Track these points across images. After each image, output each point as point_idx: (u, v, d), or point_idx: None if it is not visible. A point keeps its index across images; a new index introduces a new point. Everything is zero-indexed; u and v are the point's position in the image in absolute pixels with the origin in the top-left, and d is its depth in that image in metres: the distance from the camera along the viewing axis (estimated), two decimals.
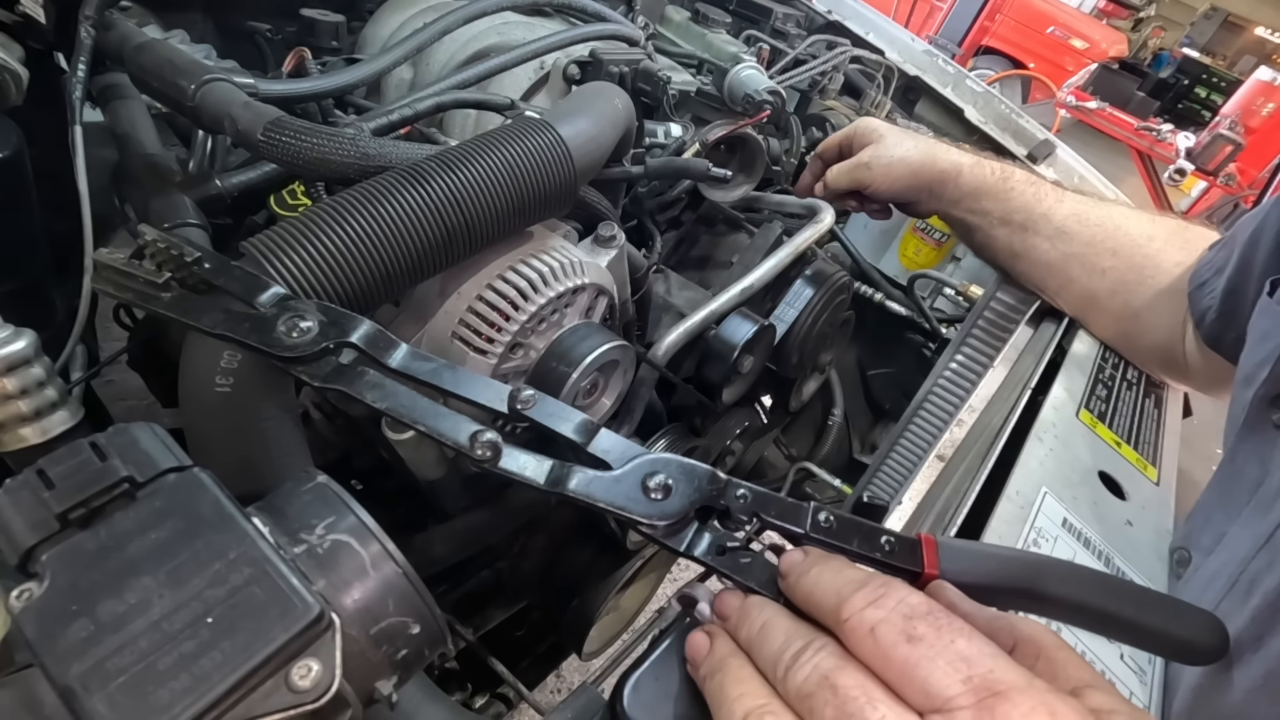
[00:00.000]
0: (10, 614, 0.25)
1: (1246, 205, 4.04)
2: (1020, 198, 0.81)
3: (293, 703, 0.25)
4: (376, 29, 0.83)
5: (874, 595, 0.29)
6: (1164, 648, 0.35)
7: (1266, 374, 0.54)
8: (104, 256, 0.38)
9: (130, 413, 0.63)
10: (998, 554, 0.35)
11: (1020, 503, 0.56)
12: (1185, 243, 0.77)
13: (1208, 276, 0.70)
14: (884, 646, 0.27)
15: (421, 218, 0.46)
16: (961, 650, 0.26)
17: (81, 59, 0.52)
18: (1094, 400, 0.74)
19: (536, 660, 0.98)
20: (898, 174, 0.82)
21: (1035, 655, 0.29)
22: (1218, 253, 0.70)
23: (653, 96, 0.78)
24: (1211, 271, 0.70)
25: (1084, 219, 0.79)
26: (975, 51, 6.91)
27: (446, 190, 0.47)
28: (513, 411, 0.37)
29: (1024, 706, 0.24)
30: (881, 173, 0.82)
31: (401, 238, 0.45)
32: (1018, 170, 0.84)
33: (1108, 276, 0.78)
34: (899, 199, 0.86)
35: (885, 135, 0.85)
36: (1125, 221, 0.79)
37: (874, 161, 0.83)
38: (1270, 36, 11.48)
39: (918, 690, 0.26)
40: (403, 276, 0.46)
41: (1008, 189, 0.82)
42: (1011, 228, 0.82)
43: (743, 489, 0.36)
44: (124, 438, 0.30)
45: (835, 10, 1.33)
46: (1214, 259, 0.70)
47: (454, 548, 0.63)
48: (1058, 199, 0.81)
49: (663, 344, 0.70)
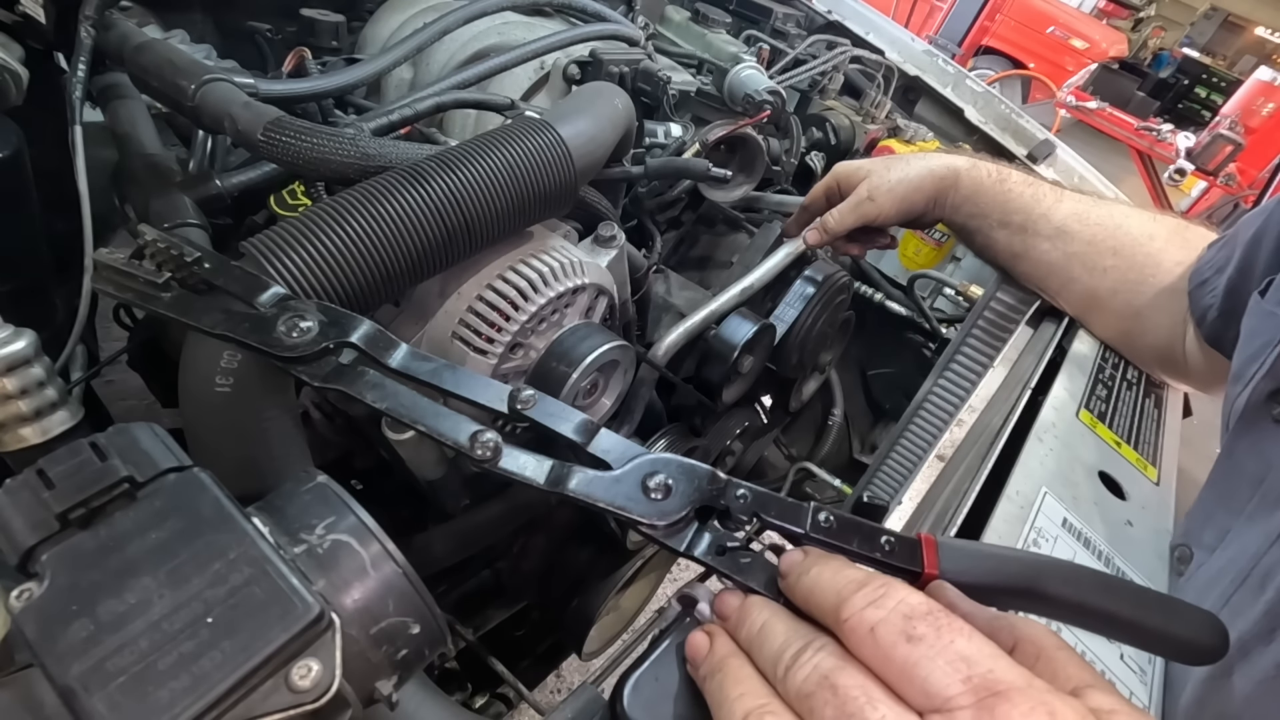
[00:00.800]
0: (10, 614, 0.25)
1: (1246, 205, 4.04)
2: (1019, 198, 0.81)
3: (293, 703, 0.25)
4: (376, 29, 0.83)
5: (874, 595, 0.29)
6: (1164, 648, 0.35)
7: (1259, 370, 0.54)
8: (104, 256, 0.38)
9: (130, 413, 0.63)
10: (998, 554, 0.35)
11: (1020, 503, 0.56)
12: (1185, 242, 0.76)
13: (1209, 275, 0.70)
14: (884, 646, 0.27)
15: (421, 218, 0.46)
16: (961, 650, 0.26)
17: (81, 59, 0.52)
18: (1094, 400, 0.74)
19: (536, 660, 0.98)
20: (902, 194, 0.82)
21: (1035, 655, 0.29)
22: (1218, 251, 0.70)
23: (653, 96, 0.78)
24: (1212, 270, 0.70)
25: (1084, 218, 0.79)
26: (975, 51, 6.91)
27: (446, 190, 0.47)
28: (513, 411, 0.37)
29: (1024, 706, 0.24)
30: (886, 200, 0.81)
31: (401, 238, 0.45)
32: (1015, 171, 0.84)
33: (1109, 276, 0.78)
34: (907, 218, 0.85)
35: (873, 168, 0.84)
36: (1126, 220, 0.79)
37: (875, 192, 0.82)
38: (1270, 36, 11.49)
39: (917, 690, 0.26)
40: (403, 276, 0.46)
41: (1005, 190, 0.82)
42: (1011, 229, 0.82)
43: (743, 489, 0.36)
44: (124, 438, 0.30)
45: (835, 10, 1.33)
46: (1215, 258, 0.70)
47: (454, 548, 0.63)
48: (1057, 199, 0.81)
49: (663, 344, 0.70)
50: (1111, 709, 0.27)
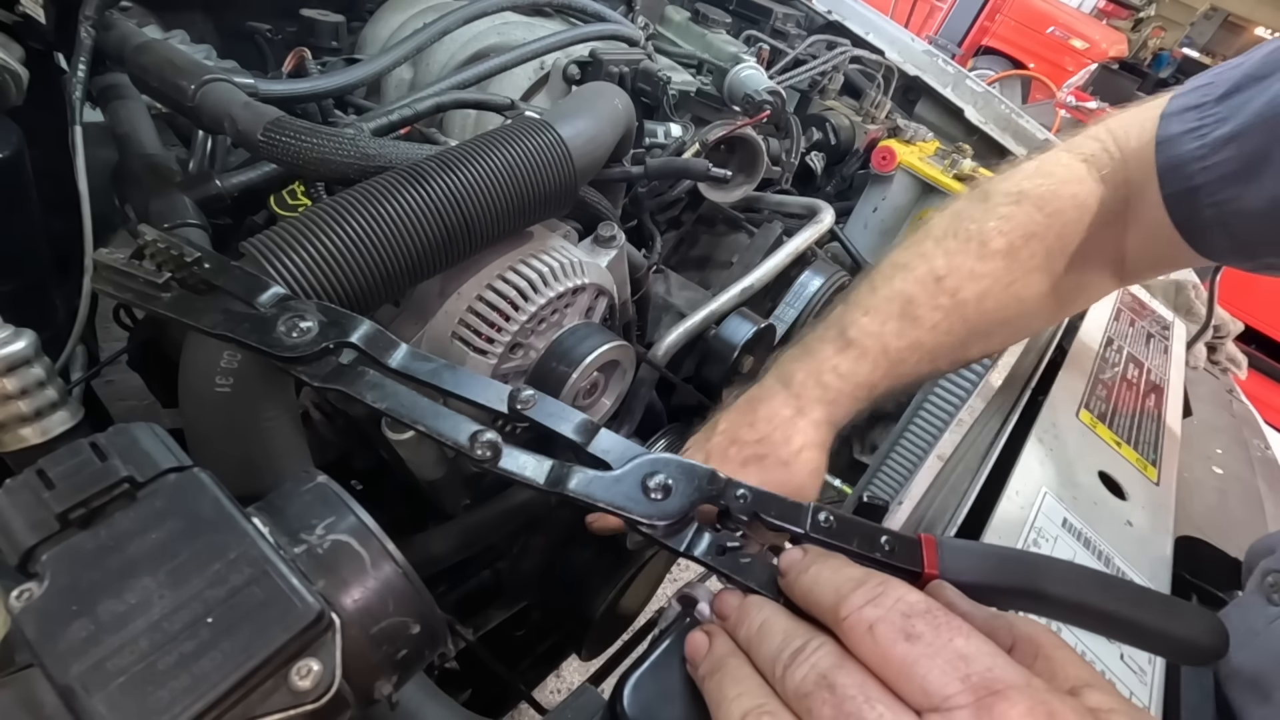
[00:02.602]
0: (10, 614, 0.25)
1: None
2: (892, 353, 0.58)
3: (293, 703, 0.25)
4: (376, 29, 0.83)
5: (873, 593, 0.29)
6: (1163, 647, 0.35)
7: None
8: (104, 256, 0.38)
9: (130, 413, 0.63)
10: (998, 554, 0.35)
11: (1020, 503, 0.56)
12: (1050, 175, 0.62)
13: (1192, 145, 0.55)
14: (882, 645, 0.27)
15: (421, 218, 0.46)
16: (960, 649, 0.26)
17: (81, 59, 0.52)
18: (1094, 400, 0.74)
19: (536, 660, 0.97)
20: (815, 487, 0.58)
21: (1034, 654, 0.29)
22: (1202, 111, 0.55)
23: (653, 96, 0.78)
24: (1198, 141, 0.55)
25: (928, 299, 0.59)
26: (975, 51, 6.91)
27: (446, 190, 0.47)
28: (512, 412, 0.37)
29: (1022, 706, 0.24)
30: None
31: (401, 238, 0.45)
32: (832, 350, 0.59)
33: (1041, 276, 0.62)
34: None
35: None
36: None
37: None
38: (1270, 36, 11.49)
39: (916, 689, 0.26)
40: (403, 277, 0.46)
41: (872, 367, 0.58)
42: (916, 358, 0.60)
43: (742, 489, 0.36)
44: (124, 438, 0.30)
45: (835, 10, 1.33)
46: (1201, 119, 0.55)
47: (454, 548, 0.63)
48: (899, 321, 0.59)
49: (663, 344, 0.70)
50: (1110, 708, 0.27)
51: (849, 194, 1.21)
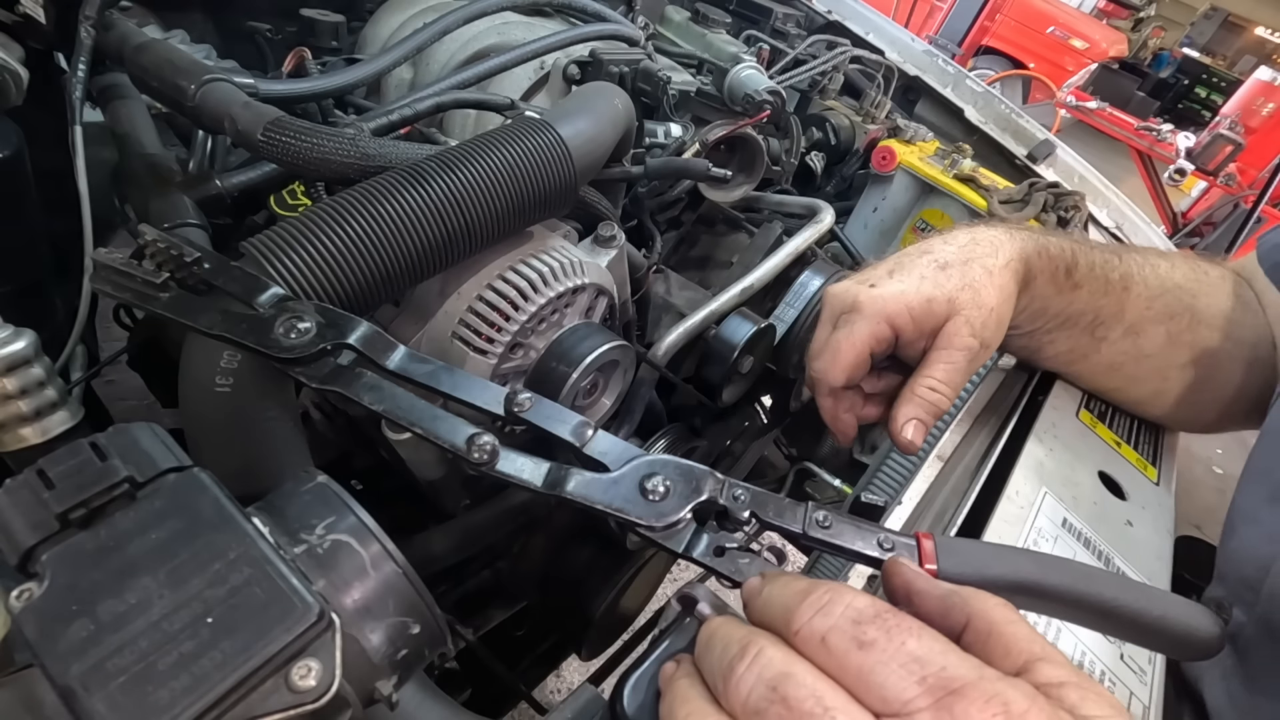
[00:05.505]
0: (10, 614, 0.25)
1: (1246, 205, 4.03)
2: (1087, 295, 0.66)
3: (293, 703, 0.25)
4: (376, 29, 0.83)
5: (820, 602, 0.28)
6: (1161, 643, 0.35)
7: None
8: (104, 256, 0.38)
9: (130, 413, 0.63)
10: (996, 551, 0.35)
11: (1020, 503, 0.56)
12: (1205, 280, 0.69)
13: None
14: (837, 655, 0.27)
15: (421, 218, 0.46)
16: (913, 650, 0.26)
17: (81, 59, 0.52)
18: (1094, 400, 0.74)
19: (536, 660, 0.97)
20: (1006, 316, 0.61)
21: (987, 632, 0.29)
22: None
23: (653, 96, 0.78)
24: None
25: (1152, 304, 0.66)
26: (975, 51, 6.91)
27: (446, 190, 0.47)
28: (509, 414, 0.37)
29: (979, 702, 0.24)
30: (996, 336, 0.61)
31: (401, 238, 0.45)
32: (1076, 245, 0.65)
33: (1184, 373, 0.68)
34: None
35: (957, 297, 0.58)
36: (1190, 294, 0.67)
37: (983, 333, 0.59)
38: (1270, 36, 11.49)
39: (875, 696, 0.26)
40: (402, 277, 0.46)
41: (1074, 284, 0.65)
42: (1076, 329, 0.67)
43: (740, 489, 0.36)
44: (124, 438, 0.30)
45: (835, 10, 1.33)
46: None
47: (454, 548, 0.63)
48: (1124, 287, 0.66)
49: (663, 344, 0.70)
50: (1061, 680, 0.27)
51: (849, 194, 1.21)
